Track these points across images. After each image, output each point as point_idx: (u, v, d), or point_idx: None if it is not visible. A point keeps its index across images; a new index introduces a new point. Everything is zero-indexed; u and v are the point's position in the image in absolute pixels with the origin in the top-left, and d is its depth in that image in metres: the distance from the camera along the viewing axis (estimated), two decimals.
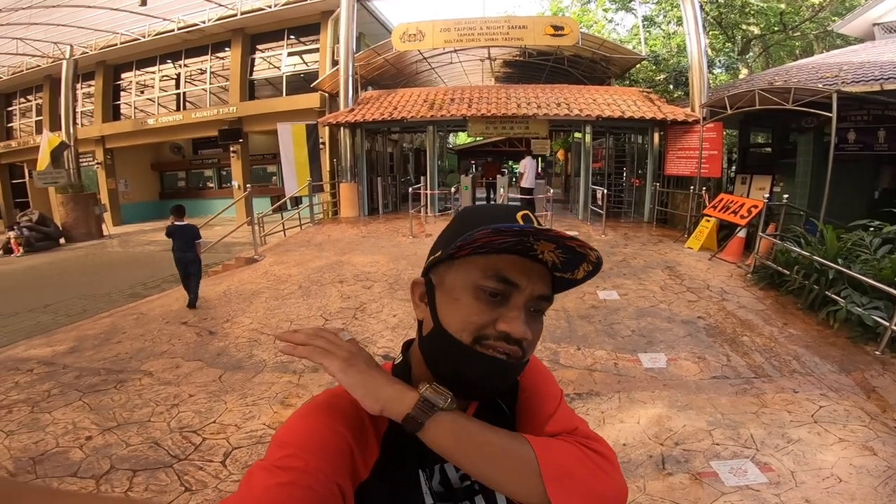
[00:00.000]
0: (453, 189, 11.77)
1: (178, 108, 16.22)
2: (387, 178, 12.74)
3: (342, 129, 10.81)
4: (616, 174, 12.49)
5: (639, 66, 13.74)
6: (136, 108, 16.90)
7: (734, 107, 7.78)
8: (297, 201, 12.31)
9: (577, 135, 11.75)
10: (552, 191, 10.84)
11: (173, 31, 14.49)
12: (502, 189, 11.52)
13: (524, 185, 11.38)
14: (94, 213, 14.58)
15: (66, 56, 14.78)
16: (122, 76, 17.17)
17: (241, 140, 14.97)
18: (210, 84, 15.76)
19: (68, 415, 3.46)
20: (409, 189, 10.20)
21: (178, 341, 4.89)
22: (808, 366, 3.96)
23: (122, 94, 17.30)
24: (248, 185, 11.82)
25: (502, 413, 0.68)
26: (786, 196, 6.82)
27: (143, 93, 16.93)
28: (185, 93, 16.20)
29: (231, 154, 15.47)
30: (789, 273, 5.39)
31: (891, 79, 6.00)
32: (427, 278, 0.65)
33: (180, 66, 16.19)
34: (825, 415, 3.24)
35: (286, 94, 14.42)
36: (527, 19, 11.31)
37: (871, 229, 5.29)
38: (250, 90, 15.11)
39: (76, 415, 3.46)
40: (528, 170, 11.39)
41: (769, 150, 10.53)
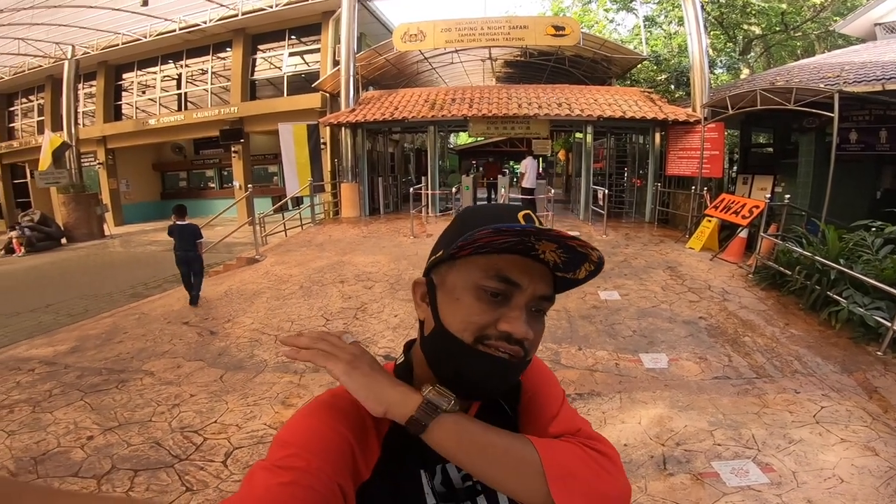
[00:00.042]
0: (454, 189, 11.77)
1: (179, 109, 16.24)
2: (388, 179, 12.73)
3: (343, 129, 10.82)
4: (617, 174, 12.47)
5: (640, 66, 13.74)
6: (137, 108, 16.92)
7: (736, 107, 7.76)
8: (298, 201, 12.33)
9: (579, 135, 11.74)
10: (553, 191, 10.82)
11: (175, 31, 14.51)
12: (503, 189, 11.52)
13: (525, 185, 11.37)
14: (96, 213, 14.61)
15: (68, 56, 14.79)
16: (124, 76, 17.20)
17: (242, 140, 14.98)
18: (211, 84, 15.77)
19: (70, 414, 3.47)
20: (410, 189, 10.21)
21: (180, 341, 4.89)
22: (809, 366, 3.95)
23: (124, 94, 17.32)
24: (250, 185, 11.85)
25: (504, 414, 0.68)
26: (787, 196, 6.81)
27: (144, 93, 16.95)
28: (186, 93, 16.21)
29: (232, 154, 15.49)
30: (791, 273, 5.38)
31: (892, 79, 5.97)
32: (428, 278, 0.65)
33: (182, 67, 16.20)
34: (827, 415, 3.24)
35: (287, 95, 14.42)
36: (528, 19, 11.31)
37: (873, 229, 5.29)
38: (251, 90, 15.13)
39: (77, 414, 3.47)
40: (530, 170, 11.39)
41: (771, 150, 10.51)
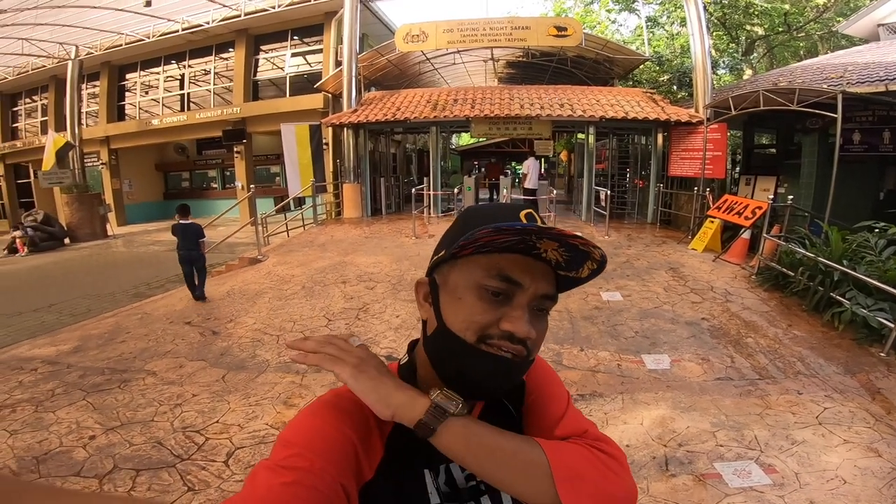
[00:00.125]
0: (456, 190, 11.77)
1: (182, 109, 16.28)
2: (390, 179, 12.74)
3: (345, 129, 10.83)
4: (619, 175, 12.45)
5: (642, 66, 13.71)
6: (140, 108, 16.97)
7: (738, 108, 7.75)
8: (300, 202, 12.36)
9: (581, 136, 11.74)
10: (555, 192, 10.80)
11: (177, 31, 14.56)
12: (505, 190, 11.52)
13: (527, 186, 11.36)
14: (99, 213, 14.65)
15: (72, 56, 14.85)
16: (127, 77, 17.26)
17: (244, 140, 15.01)
18: (214, 85, 15.81)
19: (72, 414, 3.47)
20: (412, 190, 10.22)
21: (182, 341, 4.90)
22: (812, 367, 3.94)
23: (127, 94, 17.38)
24: (252, 185, 11.87)
25: (508, 414, 0.68)
26: (790, 197, 6.79)
27: (147, 93, 17.01)
28: (189, 93, 16.25)
29: (235, 154, 15.53)
30: (794, 274, 5.37)
31: None
32: (431, 278, 0.65)
33: (184, 67, 16.25)
34: (830, 416, 3.22)
35: (290, 95, 14.45)
36: (530, 20, 11.32)
37: (876, 230, 5.27)
38: (254, 91, 15.16)
39: (80, 414, 3.47)
40: (532, 171, 11.38)
41: (773, 150, 10.49)
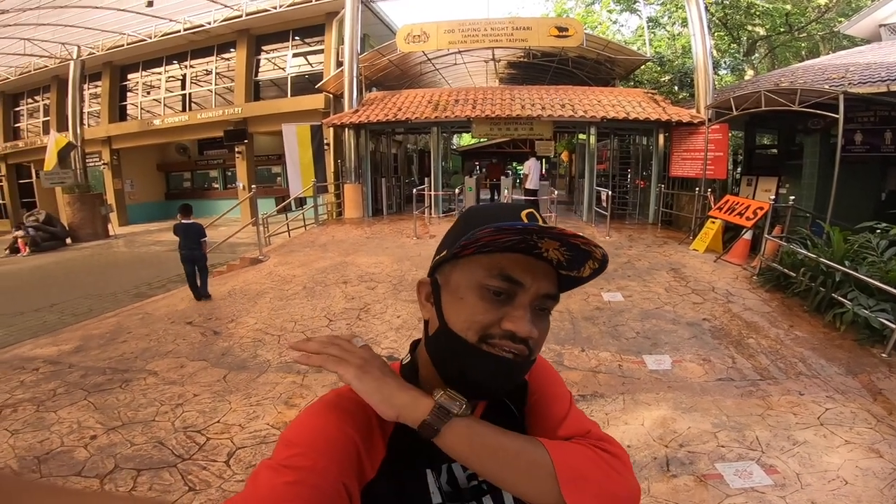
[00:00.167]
0: (457, 190, 11.78)
1: (183, 109, 16.31)
2: (391, 180, 12.75)
3: (346, 130, 10.83)
4: (620, 176, 12.45)
5: (643, 67, 13.72)
6: (142, 108, 17.01)
7: (740, 108, 7.74)
8: (301, 202, 12.37)
9: (582, 136, 11.73)
10: (556, 192, 10.80)
11: (179, 31, 14.59)
12: (507, 191, 11.51)
13: (528, 186, 11.35)
14: (101, 214, 14.68)
15: (74, 57, 14.89)
16: (129, 77, 17.29)
17: (246, 141, 15.04)
18: (215, 85, 15.84)
19: (73, 414, 3.48)
20: (414, 190, 10.22)
21: (183, 341, 4.91)
22: (814, 368, 3.93)
23: (129, 94, 17.41)
24: (253, 185, 11.88)
25: (511, 414, 0.68)
26: (792, 198, 6.79)
27: (149, 93, 17.04)
28: (190, 93, 16.28)
29: (236, 155, 15.55)
30: (795, 275, 5.36)
31: None
32: (433, 278, 0.65)
33: (186, 67, 16.28)
34: (831, 417, 3.22)
35: (291, 95, 14.48)
36: (531, 20, 11.31)
37: (878, 231, 5.26)
38: (255, 91, 15.19)
39: (81, 414, 3.48)
40: (533, 171, 11.37)
41: (775, 151, 10.47)
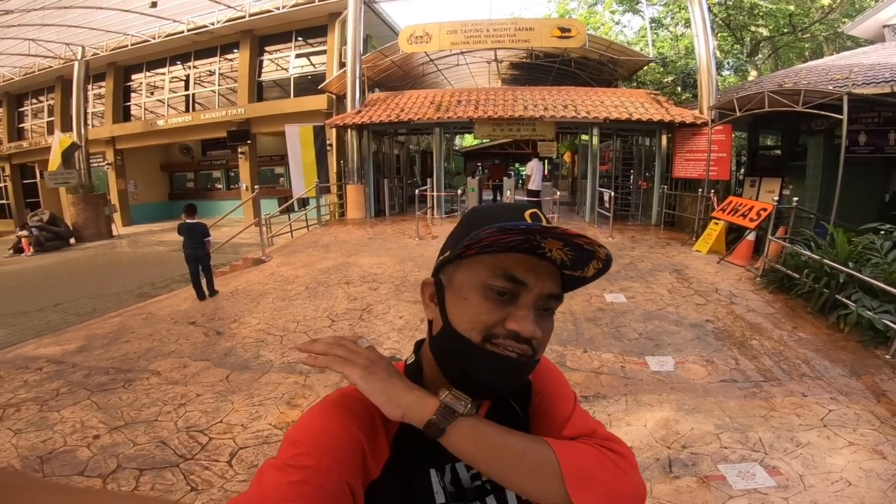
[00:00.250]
0: (460, 191, 11.78)
1: (187, 110, 16.38)
2: (393, 180, 12.76)
3: (349, 130, 10.85)
4: (623, 177, 12.42)
5: (646, 68, 13.69)
6: (146, 109, 17.08)
7: (743, 109, 7.72)
8: (304, 203, 12.39)
9: (584, 137, 11.70)
10: (559, 193, 10.79)
11: (183, 32, 14.64)
12: (509, 191, 11.51)
13: (531, 187, 11.33)
14: (104, 214, 14.74)
15: (78, 57, 14.95)
16: (133, 77, 17.37)
17: (249, 141, 15.08)
18: (219, 85, 15.89)
19: (76, 413, 3.49)
20: (416, 191, 10.23)
21: (186, 341, 4.92)
22: (817, 369, 3.92)
23: (133, 95, 17.49)
24: (256, 186, 11.89)
25: (515, 414, 0.68)
26: (795, 199, 6.76)
27: (152, 94, 17.11)
28: (194, 94, 16.34)
29: (239, 155, 15.59)
30: (799, 276, 5.34)
31: None
32: (437, 278, 0.65)
33: (189, 68, 16.33)
34: (834, 418, 3.21)
35: (294, 96, 14.51)
36: (533, 21, 11.30)
37: (882, 232, 5.24)
38: (258, 92, 15.23)
39: (84, 413, 3.49)
40: (535, 172, 11.35)
41: (779, 152, 10.44)
